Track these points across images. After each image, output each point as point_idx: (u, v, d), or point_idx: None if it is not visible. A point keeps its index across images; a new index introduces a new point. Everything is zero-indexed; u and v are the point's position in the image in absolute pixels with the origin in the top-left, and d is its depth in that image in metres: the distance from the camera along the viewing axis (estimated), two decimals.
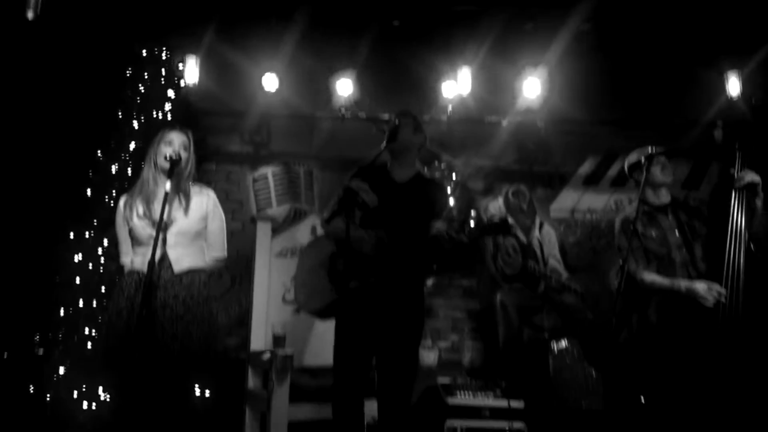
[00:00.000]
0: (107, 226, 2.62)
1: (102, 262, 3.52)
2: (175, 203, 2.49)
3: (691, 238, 2.79)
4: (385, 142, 2.64)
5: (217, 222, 2.61)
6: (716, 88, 4.31)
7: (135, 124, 3.89)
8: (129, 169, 3.65)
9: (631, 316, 2.78)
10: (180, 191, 2.51)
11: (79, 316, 3.35)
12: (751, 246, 2.60)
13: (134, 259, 2.49)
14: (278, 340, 3.33)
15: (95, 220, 3.56)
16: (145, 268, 2.38)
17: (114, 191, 3.56)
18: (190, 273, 2.49)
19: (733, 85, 4.23)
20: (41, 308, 3.43)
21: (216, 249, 2.60)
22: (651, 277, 2.76)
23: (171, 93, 4.09)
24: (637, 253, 2.80)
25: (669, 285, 2.71)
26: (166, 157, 2.48)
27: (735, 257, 2.59)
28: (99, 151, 3.74)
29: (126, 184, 3.45)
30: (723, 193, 2.80)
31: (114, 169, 3.70)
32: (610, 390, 3.35)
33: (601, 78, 4.39)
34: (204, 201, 2.57)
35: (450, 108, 4.37)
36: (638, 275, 2.77)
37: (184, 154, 2.54)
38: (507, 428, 3.59)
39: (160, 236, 2.36)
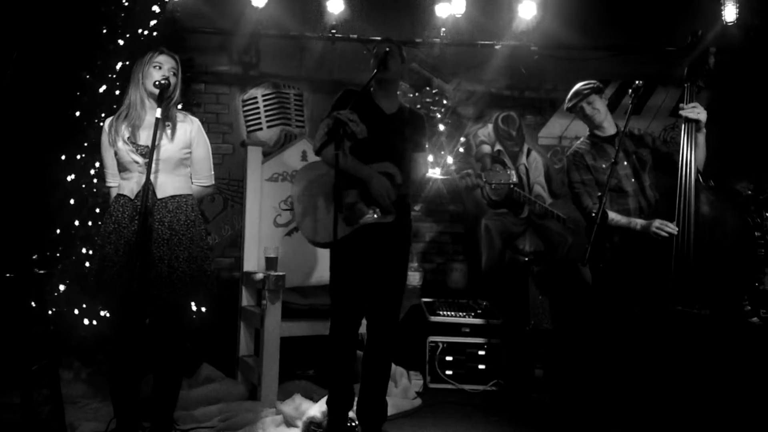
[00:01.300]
0: (98, 148, 2.63)
1: (95, 182, 3.56)
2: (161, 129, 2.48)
3: (639, 167, 2.82)
4: (375, 70, 2.63)
5: (202, 149, 2.59)
6: (714, 13, 4.23)
7: (120, 42, 3.78)
8: (117, 90, 3.60)
9: (605, 246, 2.89)
10: (167, 118, 2.49)
11: (76, 236, 3.43)
12: (700, 178, 2.60)
13: (121, 183, 2.50)
14: (270, 262, 3.44)
15: (86, 142, 3.57)
16: (130, 193, 2.44)
17: (103, 113, 3.53)
18: (176, 198, 2.49)
19: (729, 11, 4.16)
20: (38, 228, 3.50)
21: (202, 176, 2.62)
22: (609, 214, 2.77)
23: (156, 8, 3.94)
24: (590, 186, 2.82)
25: (626, 224, 2.74)
26: (155, 83, 2.45)
27: (685, 189, 2.57)
28: (86, 72, 3.67)
29: (114, 106, 3.42)
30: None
31: (102, 89, 3.65)
32: (556, 312, 3.55)
33: (596, 1, 4.29)
34: (188, 128, 2.55)
35: (443, 30, 4.28)
36: (594, 211, 2.74)
37: (173, 80, 2.51)
38: (485, 344, 3.84)
39: (146, 162, 2.37)
